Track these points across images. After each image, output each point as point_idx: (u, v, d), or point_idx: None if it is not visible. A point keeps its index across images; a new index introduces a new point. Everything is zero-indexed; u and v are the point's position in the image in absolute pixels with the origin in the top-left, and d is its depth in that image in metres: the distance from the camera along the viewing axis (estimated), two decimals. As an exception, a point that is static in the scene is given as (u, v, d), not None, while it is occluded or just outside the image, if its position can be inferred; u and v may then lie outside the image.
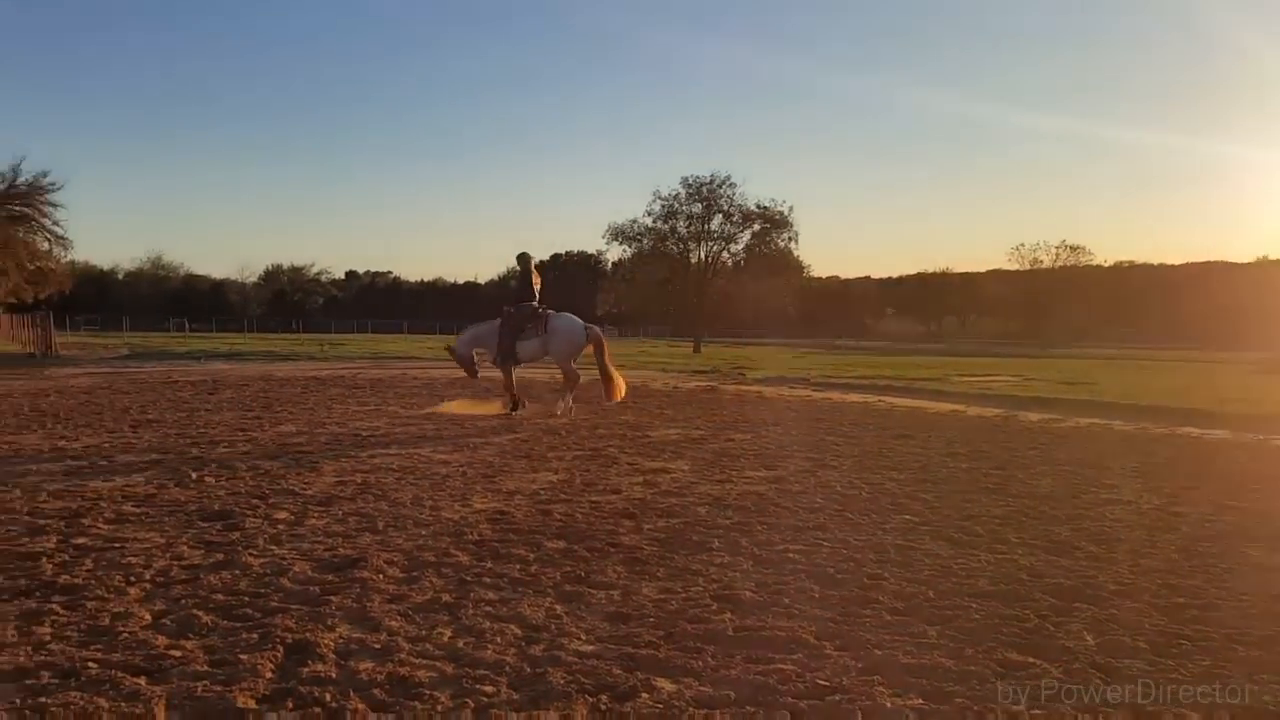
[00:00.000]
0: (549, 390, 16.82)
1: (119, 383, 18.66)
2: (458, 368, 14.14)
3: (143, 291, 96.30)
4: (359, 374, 22.38)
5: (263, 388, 17.54)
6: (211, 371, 23.07)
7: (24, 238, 52.03)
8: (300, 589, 4.59)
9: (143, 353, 33.99)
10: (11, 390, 16.31)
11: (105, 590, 4.49)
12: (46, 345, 30.76)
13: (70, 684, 3.34)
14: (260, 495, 6.93)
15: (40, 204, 51.92)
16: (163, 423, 11.55)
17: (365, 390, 17.29)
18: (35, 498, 6.72)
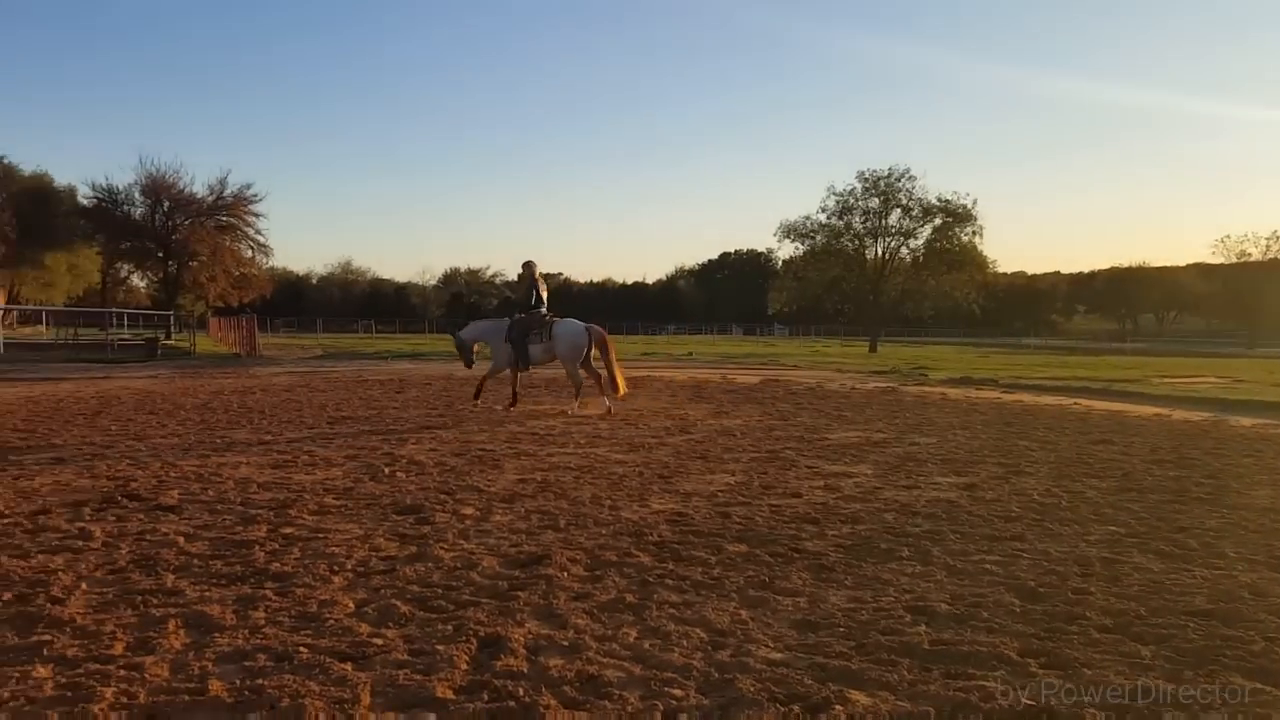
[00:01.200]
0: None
1: (315, 381, 19.94)
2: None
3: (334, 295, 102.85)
4: (533, 373, 23.00)
5: (445, 386, 18.33)
6: (397, 371, 24.30)
7: (231, 246, 56.64)
8: (489, 583, 4.75)
9: (335, 353, 36.16)
10: (223, 388, 17.71)
11: (312, 578, 4.78)
12: (251, 346, 33.22)
13: (284, 667, 3.57)
14: (448, 491, 7.22)
15: (245, 214, 56.39)
16: (356, 419, 12.25)
17: (540, 389, 17.77)
18: (246, 489, 7.25)
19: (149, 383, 19.70)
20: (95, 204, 57.05)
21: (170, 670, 3.54)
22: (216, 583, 4.72)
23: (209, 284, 55.77)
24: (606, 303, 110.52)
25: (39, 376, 21.75)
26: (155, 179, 54.57)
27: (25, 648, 3.76)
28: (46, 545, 5.46)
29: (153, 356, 29.96)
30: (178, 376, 21.99)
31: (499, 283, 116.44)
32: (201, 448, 9.56)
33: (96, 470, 8.13)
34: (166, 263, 55.48)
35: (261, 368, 26.22)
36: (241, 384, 19.16)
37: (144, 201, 55.81)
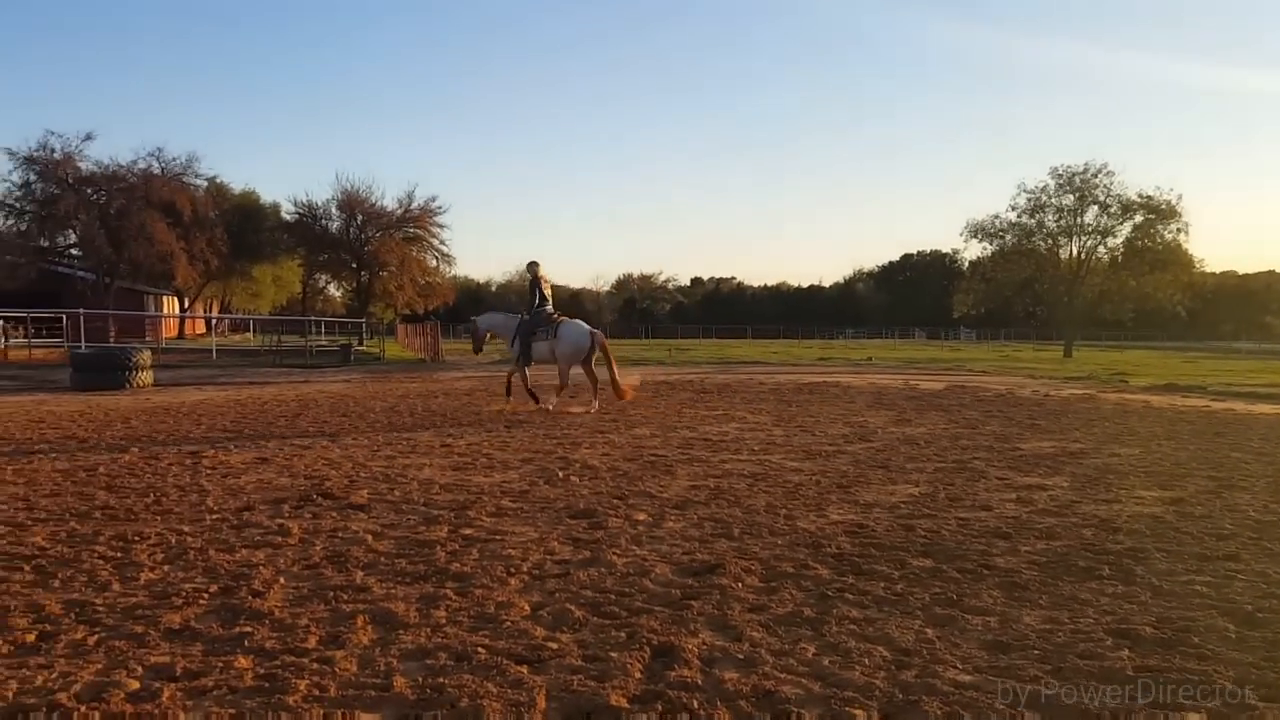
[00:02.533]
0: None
1: (494, 386, 20.61)
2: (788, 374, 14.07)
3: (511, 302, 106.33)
4: (706, 379, 23.05)
5: (618, 391, 18.56)
6: (570, 376, 24.80)
7: (417, 256, 59.69)
8: (662, 591, 4.74)
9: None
10: (409, 392, 18.61)
11: (490, 579, 4.91)
12: (435, 351, 34.78)
13: (463, 667, 3.66)
14: (620, 496, 7.28)
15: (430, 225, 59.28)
16: (531, 423, 12.58)
17: (713, 395, 17.75)
18: (429, 490, 7.55)
19: (343, 386, 20.93)
20: (297, 219, 61.47)
21: (358, 665, 3.69)
22: (401, 581, 4.91)
23: (397, 292, 59.00)
24: (780, 307, 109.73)
25: (246, 381, 23.50)
26: (350, 194, 58.28)
27: (228, 639, 4.02)
28: (250, 540, 5.85)
29: (346, 361, 31.83)
30: (368, 381, 23.27)
31: (672, 288, 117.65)
32: (389, 449, 10.04)
33: (295, 469, 8.67)
34: (359, 273, 59.06)
35: (444, 372, 27.40)
36: (426, 388, 20.06)
37: (340, 216, 59.71)
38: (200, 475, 8.36)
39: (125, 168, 50.08)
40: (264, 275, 65.27)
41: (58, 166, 47.51)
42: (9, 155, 47.42)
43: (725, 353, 43.40)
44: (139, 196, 48.63)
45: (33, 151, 47.33)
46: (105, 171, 49.53)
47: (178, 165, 52.22)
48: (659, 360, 35.43)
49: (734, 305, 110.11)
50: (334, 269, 64.84)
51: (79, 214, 47.60)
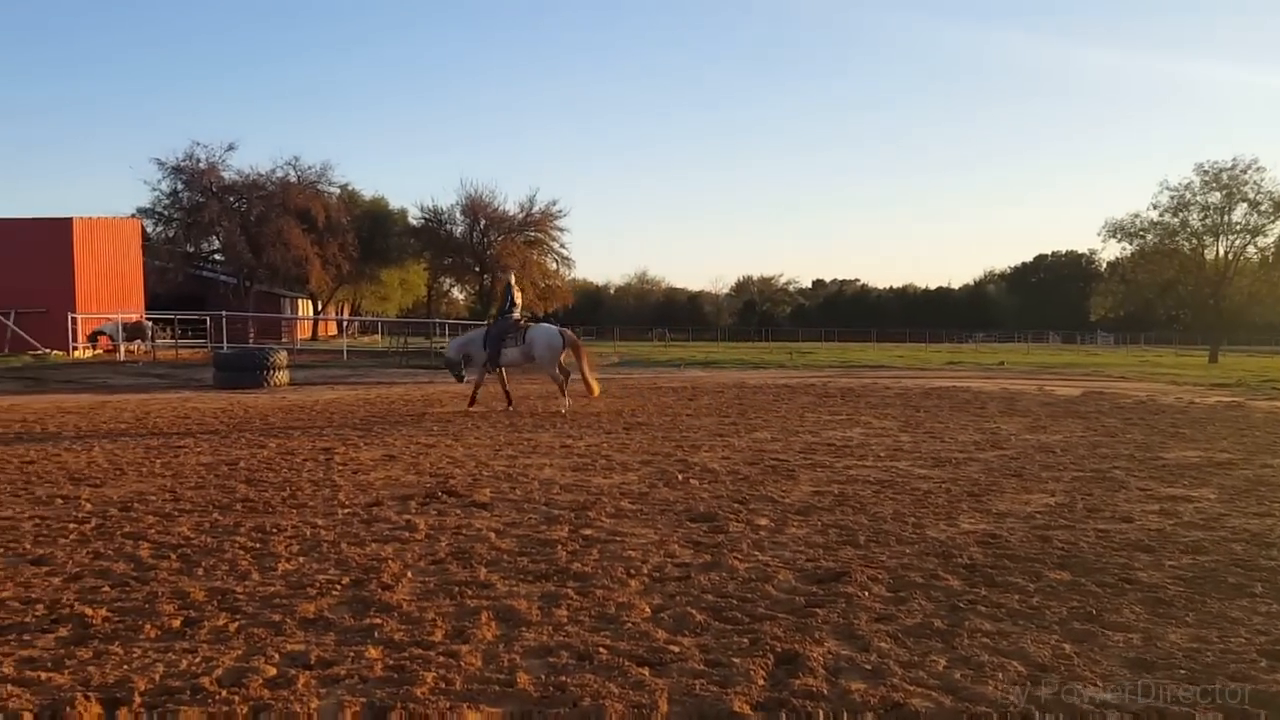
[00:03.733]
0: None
1: (612, 388, 20.79)
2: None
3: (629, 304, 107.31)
4: (829, 382, 22.71)
5: (737, 394, 18.49)
6: (689, 378, 24.86)
7: (538, 259, 60.82)
8: (785, 598, 4.67)
9: (630, 360, 37.65)
10: (529, 393, 18.93)
11: (610, 580, 4.93)
12: (554, 353, 35.26)
13: (585, 667, 3.68)
14: (741, 500, 7.23)
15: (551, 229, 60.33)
16: (651, 426, 12.63)
17: (836, 399, 17.47)
18: (549, 490, 7.65)
19: (466, 387, 21.43)
20: (423, 224, 63.50)
21: (482, 660, 3.76)
22: (523, 578, 4.99)
23: (518, 295, 60.17)
24: (906, 309, 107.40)
25: (375, 381, 24.33)
26: (474, 199, 59.86)
27: (359, 629, 4.15)
28: (379, 535, 6.03)
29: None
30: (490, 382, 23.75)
31: (792, 290, 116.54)
32: (510, 449, 10.23)
33: (421, 467, 8.92)
34: (482, 276, 60.54)
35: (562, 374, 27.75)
36: (545, 390, 20.34)
37: (464, 220, 61.36)
38: (332, 471, 8.68)
39: (264, 176, 52.66)
40: (391, 279, 67.48)
41: (203, 176, 50.27)
42: (159, 166, 50.46)
43: (848, 356, 42.70)
44: (277, 204, 51.02)
45: (180, 162, 50.24)
46: (246, 180, 52.17)
47: (313, 173, 54.61)
48: (779, 363, 35.09)
49: (857, 308, 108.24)
50: (457, 272, 66.69)
51: (222, 221, 50.22)
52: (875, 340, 78.36)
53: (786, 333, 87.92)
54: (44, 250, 32.97)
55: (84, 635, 4.08)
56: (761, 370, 30.08)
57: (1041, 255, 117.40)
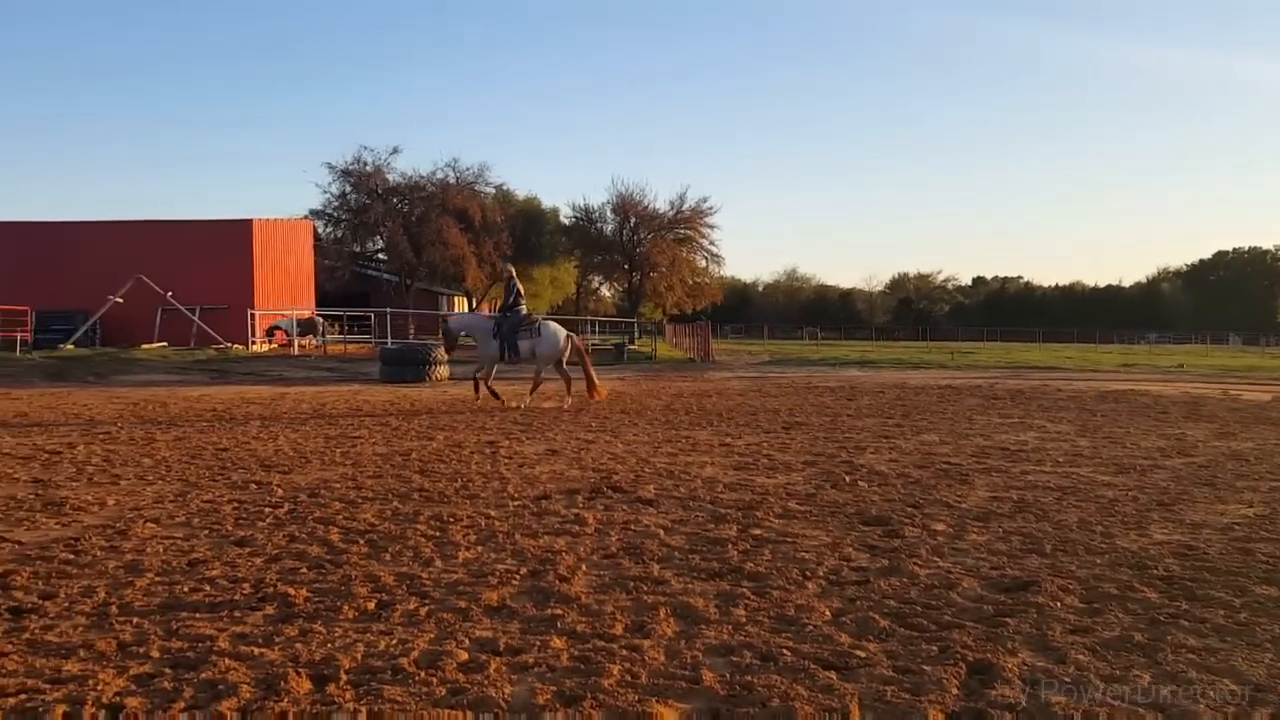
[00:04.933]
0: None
1: (766, 386, 20.71)
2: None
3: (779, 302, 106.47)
4: (995, 384, 21.94)
5: (898, 395, 18.08)
6: (846, 378, 24.46)
7: (687, 257, 61.11)
8: (972, 606, 4.54)
9: (781, 359, 37.31)
10: (682, 391, 19.04)
11: (786, 581, 4.90)
12: (705, 351, 35.36)
13: (769, 668, 3.68)
14: (914, 504, 7.06)
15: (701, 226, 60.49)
16: (810, 425, 12.49)
17: (1005, 401, 16.85)
18: (714, 489, 7.67)
19: (618, 384, 21.72)
20: (574, 222, 64.79)
21: (665, 656, 3.80)
22: (697, 576, 5.02)
23: (667, 293, 60.69)
24: (1073, 308, 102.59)
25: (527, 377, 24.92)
26: (624, 197, 60.66)
27: (542, 619, 4.26)
28: (550, 528, 6.19)
29: (620, 360, 33.04)
30: (642, 379, 24.04)
31: (951, 287, 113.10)
32: (669, 446, 10.31)
33: (584, 462, 9.10)
34: (631, 274, 61.26)
35: (715, 372, 27.82)
36: (698, 387, 20.44)
37: (614, 218, 62.27)
38: (499, 464, 8.95)
39: (425, 178, 54.79)
40: (543, 276, 69.07)
41: (369, 178, 52.72)
42: (329, 169, 53.21)
43: (1013, 357, 41.11)
44: (436, 204, 53.02)
45: (348, 165, 52.84)
46: (408, 182, 54.41)
47: (470, 174, 56.49)
48: (940, 364, 34.12)
49: (1020, 306, 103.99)
50: (607, 270, 67.67)
51: (385, 221, 52.55)
52: (1040, 340, 75.16)
53: (945, 332, 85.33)
54: (226, 250, 35.28)
55: (289, 614, 4.35)
56: (922, 371, 29.32)
57: (1221, 252, 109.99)
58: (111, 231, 35.64)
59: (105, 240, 34.97)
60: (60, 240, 35.10)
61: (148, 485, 7.74)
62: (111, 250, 34.16)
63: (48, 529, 6.13)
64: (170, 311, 33.39)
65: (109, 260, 33.51)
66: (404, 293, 52.73)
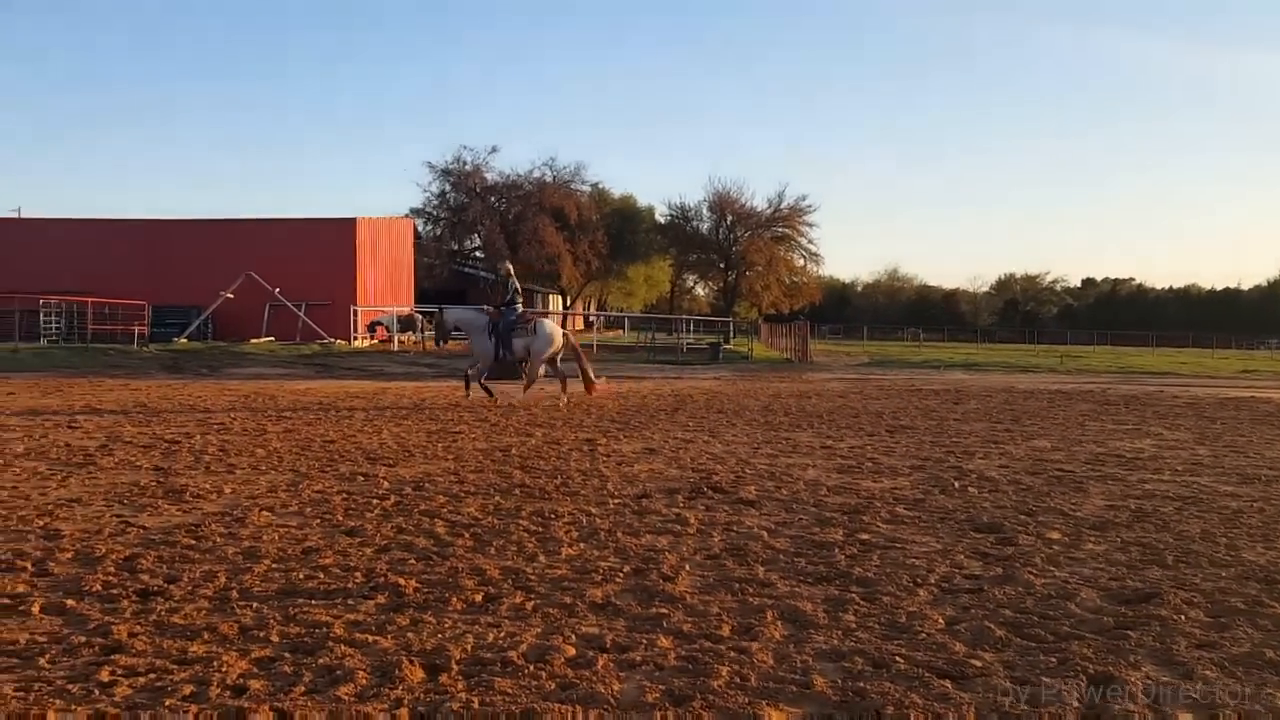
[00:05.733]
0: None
1: (867, 389, 20.43)
2: None
3: (879, 302, 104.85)
4: (1107, 389, 21.24)
5: (1006, 399, 17.63)
6: (951, 381, 23.97)
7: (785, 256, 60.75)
8: (1092, 617, 4.40)
9: (881, 360, 36.78)
10: (780, 392, 18.91)
11: (896, 588, 4.83)
12: (803, 352, 35.06)
13: (882, 674, 3.63)
14: (1027, 511, 6.88)
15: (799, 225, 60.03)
16: (915, 429, 12.27)
17: (1119, 407, 16.29)
18: (817, 491, 7.60)
19: (714, 384, 21.72)
20: (669, 220, 64.98)
21: (774, 659, 3.78)
22: (804, 580, 4.98)
23: (763, 292, 60.42)
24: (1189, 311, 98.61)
25: (624, 375, 25.09)
26: (721, 195, 60.60)
27: (647, 618, 4.29)
28: (651, 526, 6.22)
29: (715, 359, 33.01)
30: (738, 379, 23.98)
31: (1059, 289, 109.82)
32: (769, 448, 10.25)
33: (682, 461, 9.11)
34: (726, 272, 61.14)
35: (814, 373, 27.57)
36: (797, 388, 20.28)
37: (710, 216, 62.28)
38: (598, 461, 9.03)
39: (523, 177, 55.67)
40: (637, 275, 69.46)
41: (468, 178, 53.81)
42: (430, 168, 54.48)
43: (1125, 361, 39.74)
44: (533, 203, 53.80)
45: (449, 165, 54.00)
46: (506, 181, 55.36)
47: (567, 173, 57.17)
48: (1049, 367, 33.20)
49: (1132, 309, 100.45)
50: (702, 268, 67.71)
51: (483, 220, 53.60)
52: (1153, 344, 72.38)
53: (1053, 334, 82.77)
54: (331, 248, 36.43)
55: (399, 603, 4.46)
56: (1030, 375, 28.57)
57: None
58: (224, 230, 37.18)
59: (218, 238, 36.49)
60: (176, 237, 36.77)
61: (261, 475, 8.04)
62: (224, 247, 35.64)
63: (170, 515, 6.41)
64: (277, 306, 34.62)
65: (221, 257, 34.97)
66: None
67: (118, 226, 37.77)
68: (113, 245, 35.98)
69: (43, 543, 5.54)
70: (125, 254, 35.61)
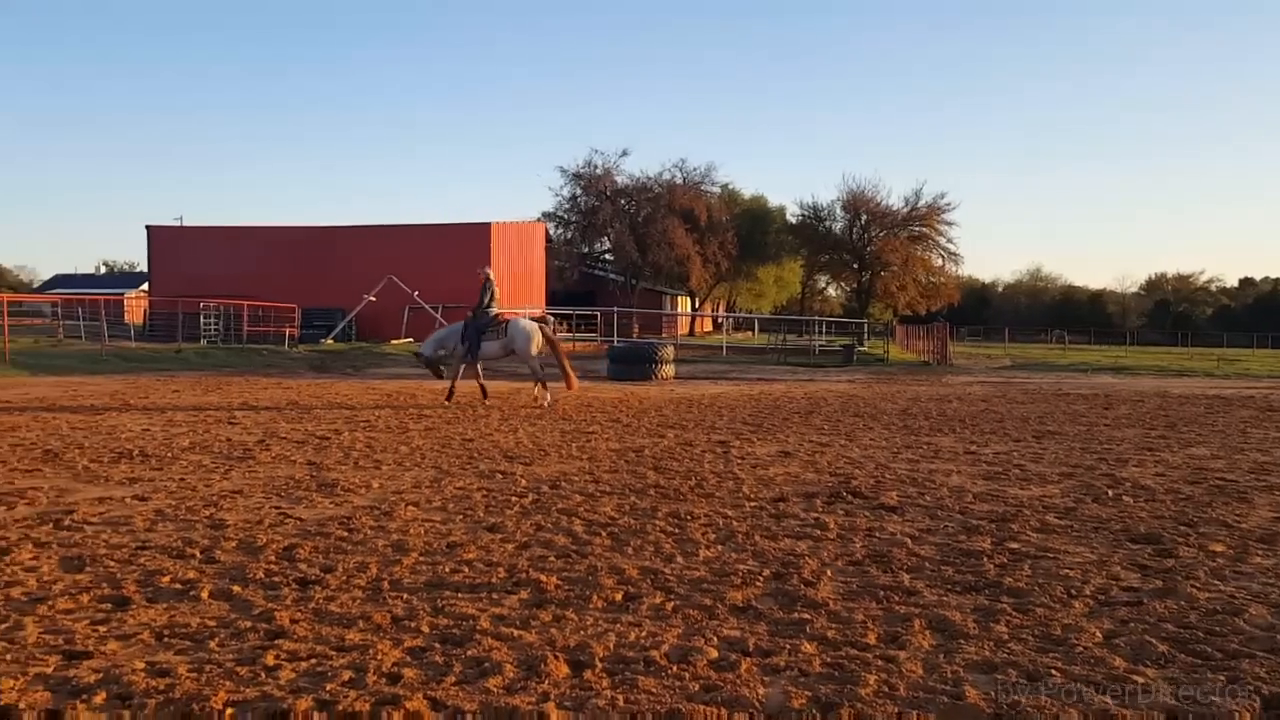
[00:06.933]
0: None
1: (1011, 392, 19.74)
2: None
3: (1020, 303, 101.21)
4: (1270, 395, 19.96)
5: (1159, 404, 16.77)
6: (1100, 385, 22.95)
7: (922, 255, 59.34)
8: (1263, 634, 4.15)
9: (1024, 363, 35.49)
10: (918, 395, 18.48)
11: (1049, 599, 4.66)
12: (942, 354, 34.15)
13: (1038, 688, 3.51)
14: (1187, 522, 6.53)
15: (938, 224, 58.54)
16: (1064, 435, 11.80)
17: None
18: (962, 498, 7.39)
19: (848, 386, 21.38)
20: (801, 220, 64.30)
21: (923, 669, 3.70)
22: (951, 589, 4.85)
23: (899, 292, 59.16)
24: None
25: (755, 377, 24.97)
26: (855, 194, 59.62)
27: (790, 623, 4.26)
28: (790, 531, 6.16)
29: (849, 362, 32.48)
30: (874, 382, 23.52)
31: (1215, 289, 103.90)
32: (909, 452, 10.03)
33: (819, 465, 9.00)
34: (860, 273, 60.12)
35: (953, 376, 26.82)
36: (936, 391, 19.77)
37: (844, 216, 61.35)
38: (732, 464, 9.00)
39: (652, 179, 56.03)
40: (767, 276, 68.91)
41: (598, 181, 54.48)
42: (561, 173, 55.42)
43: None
44: (663, 205, 54.09)
45: (579, 168, 54.81)
46: (636, 184, 55.82)
47: (697, 175, 57.27)
48: (1205, 371, 31.43)
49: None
50: (834, 269, 66.75)
51: (613, 222, 54.15)
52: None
53: (1207, 337, 78.28)
54: (466, 251, 37.43)
55: (541, 599, 4.56)
56: (1185, 379, 27.10)
57: None
58: (367, 235, 38.76)
59: (361, 243, 38.07)
60: (323, 243, 38.51)
61: (405, 471, 8.33)
62: (366, 252, 37.15)
63: (323, 508, 6.71)
64: (416, 309, 35.76)
65: (364, 261, 36.48)
66: (629, 292, 54.07)
67: (270, 233, 39.87)
68: (266, 251, 38.01)
69: (209, 532, 5.88)
70: (277, 259, 37.55)
